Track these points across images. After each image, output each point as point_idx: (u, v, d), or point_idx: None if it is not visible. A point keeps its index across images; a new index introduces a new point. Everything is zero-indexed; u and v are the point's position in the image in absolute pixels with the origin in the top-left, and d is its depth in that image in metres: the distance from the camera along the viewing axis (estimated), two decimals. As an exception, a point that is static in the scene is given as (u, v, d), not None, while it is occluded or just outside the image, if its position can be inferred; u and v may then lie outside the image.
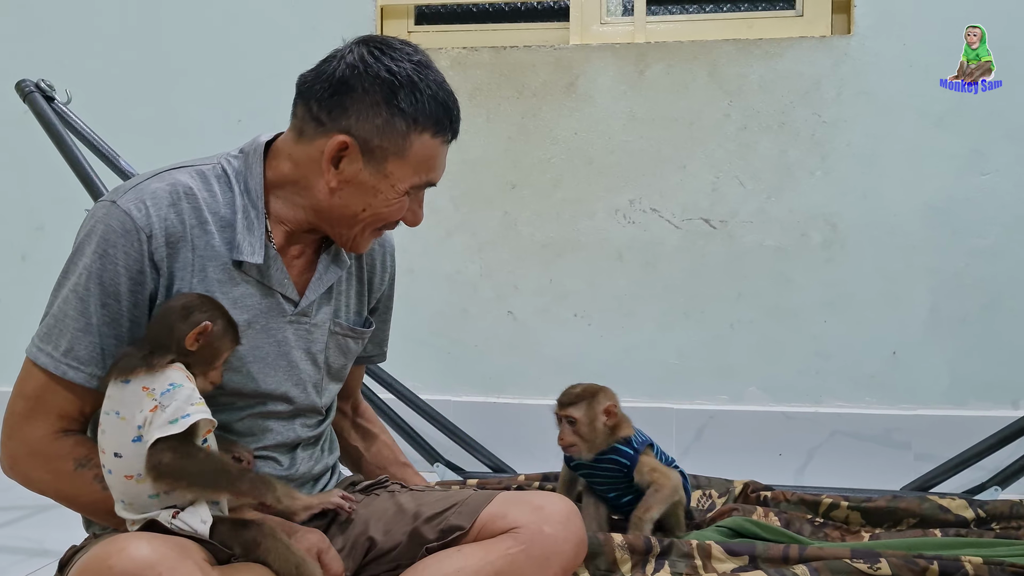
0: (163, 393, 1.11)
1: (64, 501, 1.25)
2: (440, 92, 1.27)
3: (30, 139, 2.62)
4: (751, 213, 2.70)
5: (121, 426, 1.12)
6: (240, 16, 2.93)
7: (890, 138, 2.64)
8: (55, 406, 1.22)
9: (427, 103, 1.25)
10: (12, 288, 3.04)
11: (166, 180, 1.25)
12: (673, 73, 2.73)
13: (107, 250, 1.20)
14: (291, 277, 1.34)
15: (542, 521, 1.31)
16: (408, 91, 1.24)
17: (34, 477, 1.23)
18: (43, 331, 1.22)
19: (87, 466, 1.21)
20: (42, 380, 1.21)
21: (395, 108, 1.24)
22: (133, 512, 1.14)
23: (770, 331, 2.71)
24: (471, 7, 3.00)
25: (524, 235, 2.81)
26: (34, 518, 2.32)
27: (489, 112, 2.81)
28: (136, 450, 1.10)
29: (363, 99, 1.24)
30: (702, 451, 2.70)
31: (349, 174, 1.26)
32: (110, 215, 1.21)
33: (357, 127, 1.24)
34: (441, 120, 1.27)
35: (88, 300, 1.20)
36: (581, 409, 1.78)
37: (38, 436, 1.21)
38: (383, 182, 1.27)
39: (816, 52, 2.67)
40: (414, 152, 1.26)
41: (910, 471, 2.50)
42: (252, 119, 2.86)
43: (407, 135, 1.25)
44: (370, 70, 1.24)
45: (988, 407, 2.61)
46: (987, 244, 2.61)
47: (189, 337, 1.15)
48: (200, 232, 1.25)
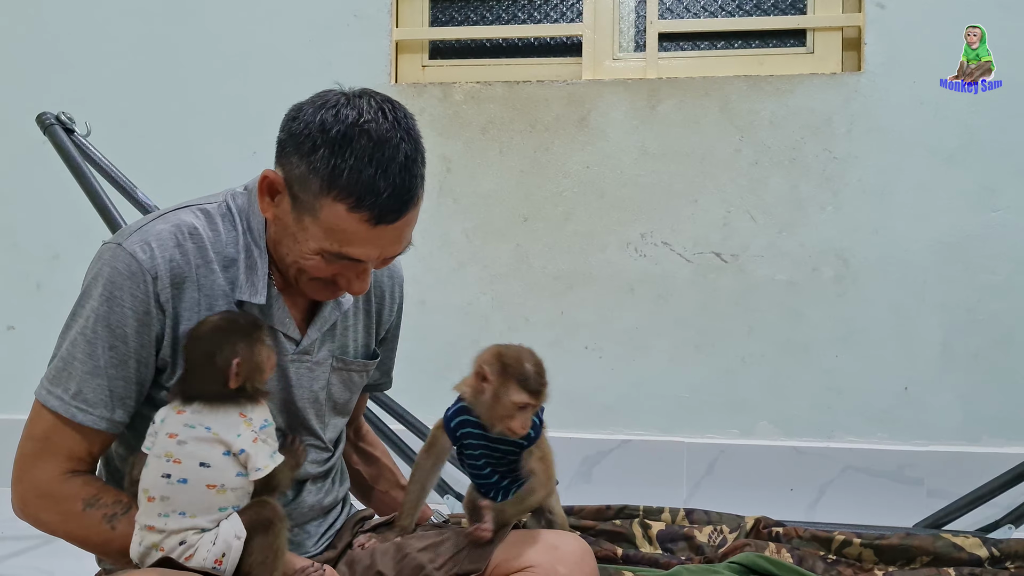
0: (261, 427, 1.20)
1: (75, 541, 1.25)
2: (371, 168, 1.14)
3: (47, 170, 2.66)
4: (762, 247, 2.71)
5: (212, 440, 1.16)
6: (256, 51, 2.97)
7: (901, 174, 2.65)
8: (63, 447, 1.22)
9: (345, 173, 1.14)
10: (27, 316, 3.06)
11: (171, 221, 1.25)
12: (685, 108, 2.75)
13: (113, 292, 1.20)
14: (293, 315, 1.33)
15: (556, 561, 1.30)
16: (327, 153, 1.15)
17: (44, 519, 1.24)
18: (52, 373, 1.23)
19: (95, 506, 1.21)
20: (51, 422, 1.22)
21: (311, 165, 1.16)
22: (185, 521, 1.15)
23: (781, 365, 2.71)
24: (485, 42, 3.04)
25: (536, 268, 2.82)
26: (44, 548, 2.32)
27: (502, 146, 2.83)
28: (227, 463, 1.16)
29: (294, 145, 1.19)
30: (713, 485, 2.69)
31: (280, 211, 1.23)
32: (116, 258, 1.21)
33: (287, 169, 1.20)
34: (361, 197, 1.15)
35: (96, 343, 1.20)
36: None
37: (47, 477, 1.22)
38: (301, 233, 1.21)
39: (827, 89, 2.69)
40: (323, 217, 1.17)
41: (922, 508, 2.49)
42: (267, 151, 2.85)
43: (318, 196, 1.16)
44: (310, 119, 1.17)
45: (1001, 443, 2.59)
46: (999, 280, 2.61)
47: (230, 379, 1.19)
48: (205, 271, 1.25)
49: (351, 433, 1.66)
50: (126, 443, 1.30)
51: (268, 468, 1.17)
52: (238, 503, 1.18)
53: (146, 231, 1.24)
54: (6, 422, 2.80)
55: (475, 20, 3.04)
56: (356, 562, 1.40)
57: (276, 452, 1.20)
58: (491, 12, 3.04)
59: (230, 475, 1.16)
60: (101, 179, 2.32)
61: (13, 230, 3.09)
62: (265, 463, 1.17)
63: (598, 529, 2.19)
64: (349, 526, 1.50)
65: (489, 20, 3.04)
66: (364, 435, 1.71)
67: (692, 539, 2.16)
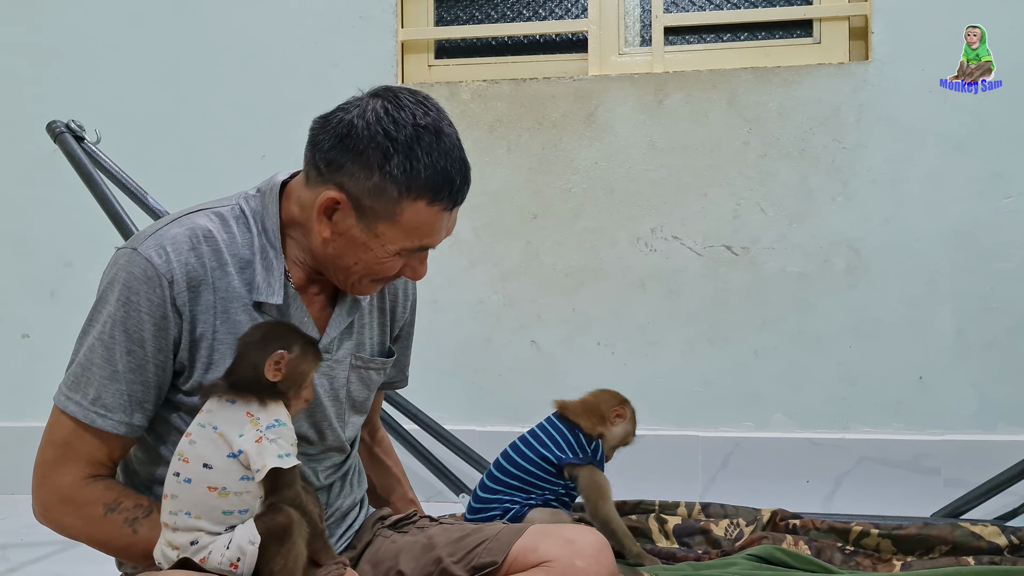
0: (268, 427, 1.16)
1: (96, 545, 1.26)
2: (442, 159, 1.22)
3: (59, 177, 2.67)
4: (773, 240, 2.71)
5: (217, 441, 1.15)
6: (262, 54, 2.98)
7: (911, 163, 2.64)
8: (84, 452, 1.23)
9: (423, 171, 1.20)
10: (42, 324, 3.08)
11: (185, 224, 1.26)
12: (692, 102, 2.75)
13: (130, 297, 1.21)
14: (311, 315, 1.34)
15: (574, 555, 1.30)
16: (403, 158, 1.19)
17: (66, 524, 1.25)
18: (70, 380, 1.24)
19: (116, 510, 1.23)
20: (70, 427, 1.23)
21: (387, 174, 1.19)
22: (191, 522, 1.15)
23: (795, 357, 2.70)
24: (490, 40, 3.04)
25: (546, 265, 2.82)
26: (63, 554, 2.33)
27: (510, 143, 2.83)
28: (229, 466, 1.14)
29: (358, 159, 1.20)
30: (728, 479, 2.69)
31: (342, 227, 1.24)
32: (132, 262, 1.22)
33: (350, 184, 1.21)
34: (439, 188, 1.22)
35: (113, 348, 1.21)
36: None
37: (67, 482, 1.23)
38: (373, 241, 1.24)
39: (835, 79, 2.68)
40: (406, 219, 1.22)
41: (940, 497, 2.48)
42: (275, 155, 2.90)
43: (398, 201, 1.21)
44: (370, 130, 1.19)
45: (1018, 431, 2.58)
46: (1012, 267, 2.60)
47: (268, 368, 1.18)
48: (221, 274, 1.25)
49: (366, 435, 1.66)
50: (145, 446, 1.30)
51: (266, 468, 1.13)
52: (245, 508, 1.15)
53: (161, 235, 1.24)
54: (23, 429, 2.83)
55: (480, 19, 3.04)
56: (380, 561, 1.41)
57: (288, 454, 1.16)
58: (496, 10, 3.04)
59: (233, 478, 1.14)
60: (112, 186, 2.34)
61: (26, 239, 3.11)
62: (264, 463, 1.13)
63: None
64: (369, 525, 1.50)
65: (494, 18, 3.04)
66: (380, 440, 1.70)
67: (709, 533, 2.16)
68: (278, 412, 1.19)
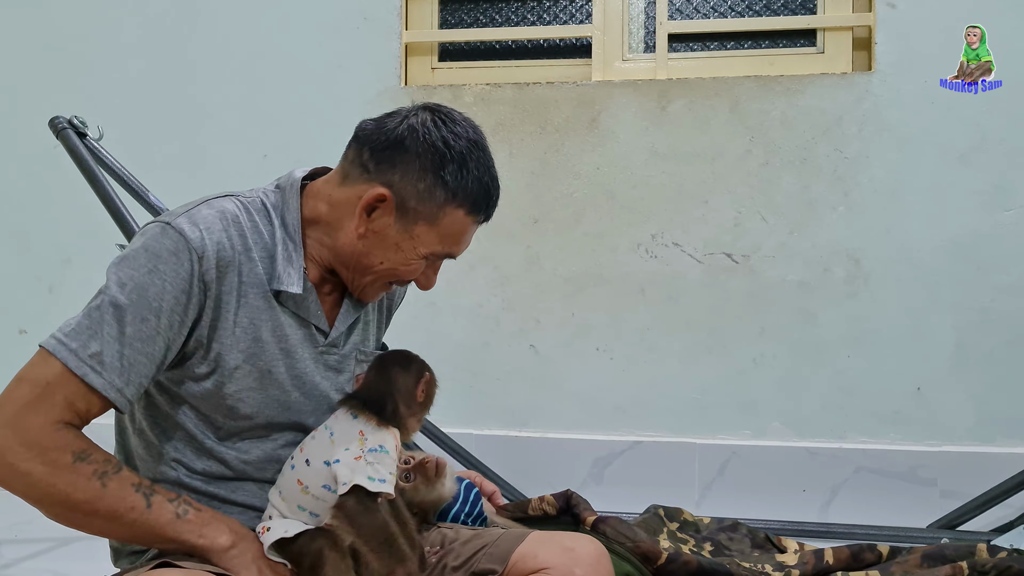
0: (371, 451, 1.23)
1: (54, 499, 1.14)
2: (486, 176, 1.31)
3: (59, 173, 2.67)
4: (773, 248, 2.71)
5: (327, 445, 1.24)
6: (266, 54, 2.98)
7: (913, 174, 2.64)
8: (63, 399, 1.14)
9: (471, 182, 1.29)
10: (39, 320, 3.06)
11: (215, 207, 1.28)
12: (695, 109, 2.75)
13: (157, 266, 1.19)
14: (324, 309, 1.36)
15: (573, 563, 1.30)
16: (457, 166, 1.28)
17: (22, 470, 1.12)
18: (70, 329, 1.17)
19: (87, 460, 1.14)
20: (57, 371, 1.14)
21: (440, 178, 1.27)
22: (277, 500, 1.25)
23: (793, 366, 2.70)
24: (494, 44, 3.04)
25: (546, 269, 2.82)
26: (58, 551, 2.32)
27: (512, 147, 2.83)
28: (322, 470, 1.22)
29: (413, 161, 1.27)
30: (725, 487, 2.68)
31: (378, 225, 1.29)
32: (164, 233, 1.21)
33: (399, 184, 1.27)
34: (479, 202, 1.31)
35: (128, 310, 1.17)
36: None
37: (37, 424, 1.13)
38: (407, 242, 1.30)
39: (837, 89, 2.68)
40: (445, 223, 1.30)
41: (936, 509, 2.48)
42: (277, 154, 2.90)
43: (443, 206, 1.29)
44: (428, 136, 1.28)
45: (1016, 444, 2.58)
46: (1012, 279, 2.60)
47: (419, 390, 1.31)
48: (246, 259, 1.27)
49: None
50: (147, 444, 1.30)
51: (351, 483, 1.17)
52: (315, 512, 1.22)
53: (193, 214, 1.25)
54: (19, 425, 2.82)
55: (484, 22, 3.05)
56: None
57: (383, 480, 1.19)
58: (500, 14, 3.04)
59: (318, 481, 1.21)
60: (113, 183, 2.33)
61: (25, 234, 3.11)
62: (353, 479, 1.18)
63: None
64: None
65: (498, 22, 3.04)
66: None
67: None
68: (386, 439, 1.26)
